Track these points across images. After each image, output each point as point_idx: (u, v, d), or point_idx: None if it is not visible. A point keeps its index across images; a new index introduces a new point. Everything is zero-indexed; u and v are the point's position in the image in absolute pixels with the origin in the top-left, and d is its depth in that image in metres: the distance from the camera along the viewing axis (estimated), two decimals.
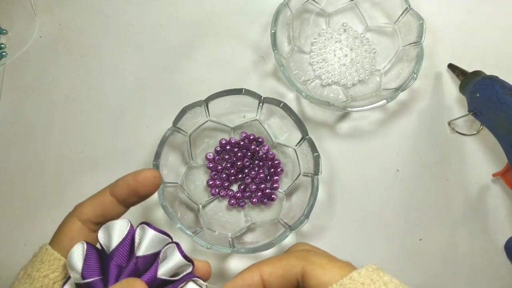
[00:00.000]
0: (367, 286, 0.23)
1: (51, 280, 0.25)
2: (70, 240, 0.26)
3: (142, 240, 0.25)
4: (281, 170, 0.47)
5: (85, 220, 0.26)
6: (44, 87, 0.52)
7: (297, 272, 0.24)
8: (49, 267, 0.25)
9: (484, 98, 0.42)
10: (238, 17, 0.53)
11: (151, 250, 0.25)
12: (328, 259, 0.25)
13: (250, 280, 0.25)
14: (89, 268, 0.24)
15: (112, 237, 0.25)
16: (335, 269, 0.24)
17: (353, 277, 0.23)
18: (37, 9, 0.54)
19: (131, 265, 0.24)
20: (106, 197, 0.27)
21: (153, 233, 0.25)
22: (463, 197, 0.47)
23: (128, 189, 0.27)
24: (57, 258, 0.25)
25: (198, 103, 0.44)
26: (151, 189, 0.27)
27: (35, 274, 0.25)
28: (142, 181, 0.27)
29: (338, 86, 0.51)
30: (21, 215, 0.48)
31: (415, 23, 0.47)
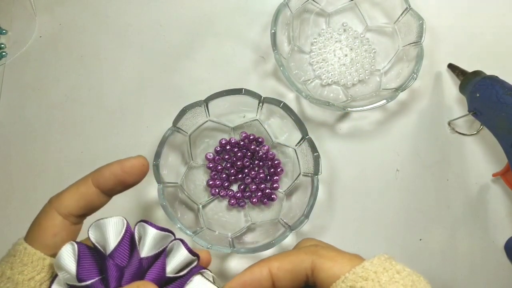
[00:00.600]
0: (380, 274, 0.22)
1: (37, 282, 0.23)
2: (53, 236, 0.24)
3: (144, 239, 0.24)
4: (281, 170, 0.47)
5: (66, 214, 0.25)
6: (44, 87, 0.52)
7: (306, 266, 0.24)
8: (33, 269, 0.23)
9: (484, 98, 0.42)
10: (238, 17, 0.53)
11: (154, 249, 0.24)
12: (337, 252, 0.25)
13: (259, 274, 0.24)
14: (85, 269, 0.22)
15: (107, 236, 0.23)
16: (345, 260, 0.24)
17: (365, 266, 0.23)
18: (37, 9, 0.54)
19: (134, 264, 0.23)
20: (90, 188, 0.25)
21: (155, 231, 0.24)
22: (463, 197, 0.47)
23: (114, 179, 0.25)
24: (41, 258, 0.23)
25: (198, 103, 0.44)
26: (139, 178, 0.26)
27: (17, 278, 0.23)
28: (129, 171, 0.26)
29: (338, 86, 0.51)
30: (21, 215, 0.48)
31: (415, 23, 0.47)
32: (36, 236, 0.24)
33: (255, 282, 0.24)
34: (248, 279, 0.24)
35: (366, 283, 0.22)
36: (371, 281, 0.22)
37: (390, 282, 0.22)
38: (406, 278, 0.23)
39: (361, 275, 0.22)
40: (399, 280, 0.22)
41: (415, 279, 0.23)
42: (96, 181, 0.25)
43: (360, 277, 0.22)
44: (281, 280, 0.24)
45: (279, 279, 0.24)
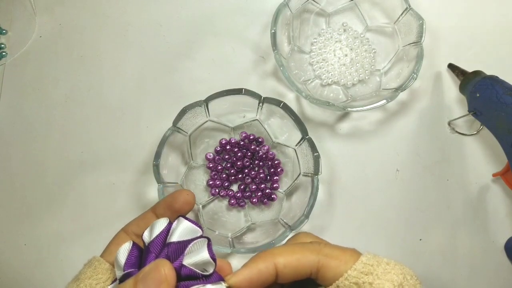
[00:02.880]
0: (376, 267, 0.25)
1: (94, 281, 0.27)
2: (116, 245, 0.28)
3: (176, 229, 0.26)
4: (281, 170, 0.47)
5: (129, 232, 0.30)
6: (44, 87, 0.52)
7: (312, 265, 0.25)
8: (102, 275, 0.27)
9: (484, 98, 0.42)
10: (238, 17, 0.53)
11: (182, 238, 0.26)
12: (339, 250, 0.26)
13: (265, 271, 0.25)
14: (130, 261, 0.26)
15: (153, 233, 0.26)
16: (347, 257, 0.26)
17: (363, 261, 0.25)
18: (37, 9, 0.54)
19: (163, 252, 0.25)
20: (148, 213, 0.30)
21: (187, 223, 0.26)
22: (463, 197, 0.47)
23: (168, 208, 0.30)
24: (109, 268, 0.28)
25: (198, 103, 0.44)
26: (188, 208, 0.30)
27: (89, 282, 0.27)
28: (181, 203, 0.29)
29: (338, 86, 0.51)
30: (21, 215, 0.48)
31: (415, 23, 0.47)
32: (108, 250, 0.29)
33: (262, 278, 0.25)
34: (255, 277, 0.25)
35: (367, 277, 0.24)
36: (370, 275, 0.24)
37: (385, 273, 0.25)
38: (395, 268, 0.25)
39: (361, 270, 0.25)
40: (391, 270, 0.25)
41: (401, 267, 0.26)
42: (154, 209, 0.30)
43: (361, 272, 0.25)
44: (285, 275, 0.25)
45: (283, 274, 0.25)
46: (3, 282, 0.46)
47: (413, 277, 0.25)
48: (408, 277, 0.25)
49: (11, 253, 0.47)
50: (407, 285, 0.24)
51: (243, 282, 0.25)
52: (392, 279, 0.24)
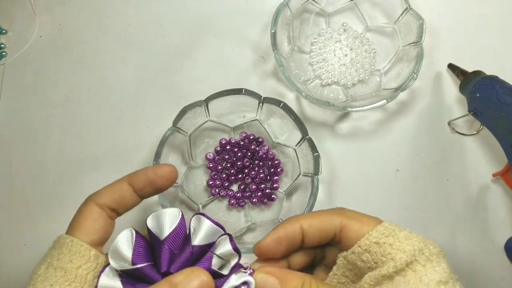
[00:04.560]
0: (398, 232, 0.26)
1: (84, 271, 0.25)
2: (93, 222, 0.27)
3: (198, 229, 0.26)
4: (281, 170, 0.47)
5: (102, 205, 0.27)
6: (44, 87, 0.52)
7: (335, 225, 0.27)
8: (81, 258, 0.25)
9: (484, 98, 0.42)
10: (238, 17, 0.53)
11: (206, 240, 0.26)
12: (362, 214, 0.28)
13: (292, 230, 0.27)
14: (139, 254, 0.25)
15: (163, 224, 0.25)
16: (370, 221, 0.27)
17: (386, 225, 0.26)
18: (37, 9, 0.54)
19: (187, 252, 0.25)
20: (124, 185, 0.28)
21: (209, 223, 0.26)
22: (463, 197, 0.47)
23: (146, 180, 0.28)
24: (88, 249, 0.25)
25: (198, 103, 0.44)
26: (168, 182, 0.29)
27: (67, 266, 0.24)
28: (161, 174, 0.28)
29: (338, 86, 0.51)
30: (21, 215, 0.48)
31: (415, 23, 0.47)
32: (77, 224, 0.27)
33: (289, 237, 0.27)
34: (283, 235, 0.27)
35: (387, 238, 0.25)
36: (391, 237, 0.25)
37: (406, 238, 0.25)
38: (418, 237, 0.26)
39: (383, 232, 0.26)
40: (412, 237, 0.25)
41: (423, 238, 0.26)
42: (130, 180, 0.28)
43: (382, 234, 0.25)
44: (311, 236, 0.27)
45: (308, 235, 0.27)
46: (3, 282, 0.46)
47: (435, 247, 0.25)
48: (430, 247, 0.25)
49: (11, 253, 0.47)
50: (428, 252, 0.24)
51: (272, 242, 0.27)
52: (413, 244, 0.25)
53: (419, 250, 0.24)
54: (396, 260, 0.24)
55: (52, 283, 0.24)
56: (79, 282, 0.24)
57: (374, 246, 0.25)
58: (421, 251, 0.24)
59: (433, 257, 0.24)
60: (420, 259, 0.24)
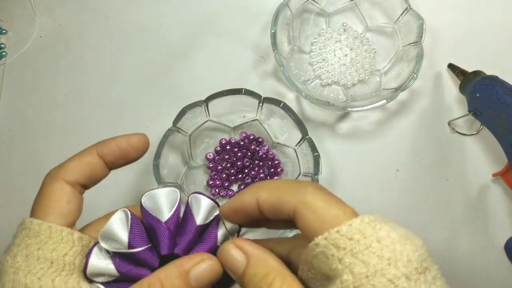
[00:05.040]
0: (355, 243, 0.20)
1: (71, 257, 0.23)
2: (67, 203, 0.24)
3: (198, 209, 0.25)
4: (281, 170, 0.47)
5: (73, 182, 0.25)
6: (44, 87, 0.52)
7: (289, 208, 0.22)
8: (65, 244, 0.23)
9: (484, 98, 0.42)
10: (238, 17, 0.53)
11: (207, 218, 0.26)
12: (326, 203, 0.22)
13: (248, 203, 0.24)
14: (136, 237, 0.23)
15: (161, 205, 0.25)
16: (328, 217, 0.21)
17: (341, 231, 0.20)
18: (37, 9, 0.54)
19: (191, 233, 0.24)
20: (94, 158, 0.26)
21: (207, 201, 0.26)
22: (463, 197, 0.47)
23: (118, 151, 0.26)
24: (70, 233, 0.23)
25: (198, 103, 0.44)
26: (141, 152, 0.27)
27: (51, 256, 0.22)
28: (134, 145, 0.27)
29: (338, 86, 0.51)
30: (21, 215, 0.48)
31: (415, 23, 0.47)
32: (48, 206, 0.24)
33: (244, 210, 0.24)
34: (238, 206, 0.24)
35: (337, 250, 0.20)
36: (342, 250, 0.20)
37: (366, 252, 0.19)
38: (385, 249, 0.19)
39: (334, 241, 0.20)
40: (376, 251, 0.19)
41: (397, 249, 0.19)
42: (100, 151, 0.26)
43: (332, 244, 0.20)
44: (267, 212, 0.23)
45: (265, 210, 0.23)
46: None
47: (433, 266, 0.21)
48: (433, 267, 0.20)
49: None
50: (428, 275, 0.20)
51: (229, 211, 0.25)
52: (391, 254, 0.19)
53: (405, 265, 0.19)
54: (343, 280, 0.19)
55: (39, 276, 0.21)
56: (68, 269, 0.23)
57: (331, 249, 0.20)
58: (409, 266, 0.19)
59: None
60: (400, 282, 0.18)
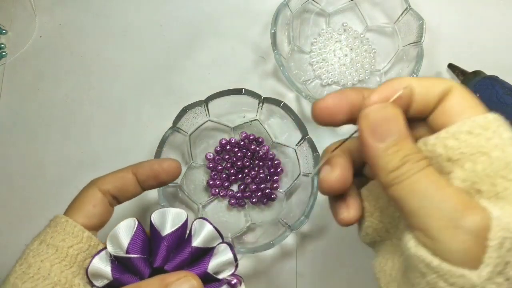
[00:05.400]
0: (490, 133, 0.20)
1: (75, 251, 0.25)
2: (93, 207, 0.27)
3: (200, 232, 0.26)
4: (281, 170, 0.47)
5: (105, 191, 0.28)
6: (44, 87, 0.52)
7: (445, 88, 0.21)
8: (74, 238, 0.25)
9: (484, 98, 0.42)
10: (238, 17, 0.53)
11: (205, 244, 0.26)
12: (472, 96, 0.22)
13: (398, 87, 0.21)
14: (136, 245, 0.25)
15: (166, 221, 0.26)
16: (474, 102, 0.21)
17: (477, 120, 0.20)
18: (37, 9, 0.54)
19: (185, 253, 0.25)
20: (128, 173, 0.28)
21: (210, 228, 0.26)
22: None
23: (150, 172, 0.29)
24: (81, 230, 0.26)
25: (198, 103, 0.44)
26: (172, 177, 0.29)
27: (59, 244, 0.25)
28: (166, 168, 0.29)
29: (338, 86, 0.51)
30: (21, 215, 0.48)
31: (415, 23, 0.47)
32: (77, 207, 0.27)
33: (401, 96, 0.21)
34: (390, 94, 0.21)
35: (486, 132, 0.20)
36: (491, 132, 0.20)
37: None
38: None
39: (482, 123, 0.20)
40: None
41: None
42: (135, 169, 0.29)
43: (481, 126, 0.20)
44: (417, 96, 0.22)
45: (414, 95, 0.22)
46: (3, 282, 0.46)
47: None
48: None
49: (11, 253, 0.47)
50: None
51: (379, 99, 0.22)
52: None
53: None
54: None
55: (42, 259, 0.24)
56: (69, 261, 0.25)
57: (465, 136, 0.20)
58: None
59: None
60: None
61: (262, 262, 0.45)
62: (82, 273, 0.25)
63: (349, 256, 0.46)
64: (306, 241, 0.46)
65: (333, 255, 0.45)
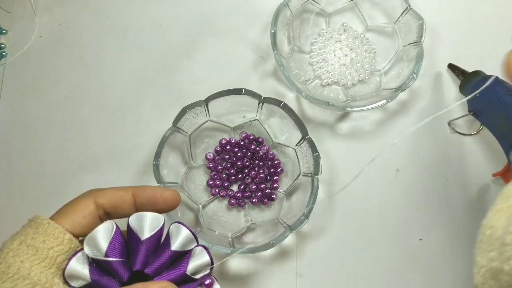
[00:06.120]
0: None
1: (55, 252, 0.25)
2: (83, 217, 0.27)
3: (177, 236, 0.27)
4: (281, 170, 0.47)
5: (99, 204, 0.28)
6: (44, 87, 0.52)
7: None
8: (55, 240, 0.26)
9: (484, 98, 0.42)
10: (238, 17, 0.53)
11: (183, 247, 0.27)
12: None
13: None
14: (114, 248, 0.26)
15: (144, 226, 0.27)
16: None
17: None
18: (37, 9, 0.54)
19: (165, 256, 0.26)
20: (128, 194, 0.29)
21: (187, 232, 0.27)
22: (463, 197, 0.47)
23: (151, 198, 0.29)
24: (62, 232, 0.26)
25: (198, 103, 0.44)
26: (170, 208, 0.30)
27: (39, 246, 0.25)
28: (166, 198, 0.29)
29: (338, 86, 0.51)
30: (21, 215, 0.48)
31: (415, 23, 0.47)
32: (67, 213, 0.27)
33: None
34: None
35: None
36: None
37: None
38: None
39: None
40: None
41: None
42: (136, 192, 0.29)
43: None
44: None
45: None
46: None
47: None
48: None
49: None
50: None
51: None
52: None
53: None
54: None
55: (22, 259, 0.25)
56: (48, 262, 0.25)
57: None
58: None
59: None
60: None
61: (262, 262, 0.45)
62: (59, 274, 0.26)
63: (349, 256, 0.46)
64: (306, 241, 0.46)
65: (333, 255, 0.46)
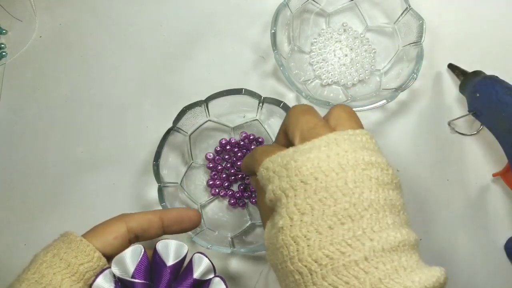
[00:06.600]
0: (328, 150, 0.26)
1: (85, 269, 0.27)
2: (114, 238, 0.29)
3: (199, 265, 0.30)
4: None
5: (130, 228, 0.30)
6: (44, 87, 0.52)
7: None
8: (85, 256, 0.28)
9: (484, 98, 0.42)
10: (238, 17, 0.53)
11: (203, 276, 0.30)
12: (344, 120, 0.30)
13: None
14: (140, 271, 0.28)
15: (169, 252, 0.29)
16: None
17: (316, 143, 0.26)
18: (37, 9, 0.54)
19: (187, 283, 0.29)
20: (156, 217, 0.31)
21: (208, 262, 0.30)
22: (463, 197, 0.47)
23: (177, 217, 0.32)
24: (93, 250, 0.28)
25: (198, 103, 0.44)
26: (193, 226, 0.33)
27: (71, 260, 0.27)
28: (191, 216, 0.32)
29: (338, 86, 0.51)
30: (21, 215, 0.48)
31: (415, 23, 0.47)
32: (99, 233, 0.29)
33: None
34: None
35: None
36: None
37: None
38: None
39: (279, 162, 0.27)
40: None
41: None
42: (163, 215, 0.31)
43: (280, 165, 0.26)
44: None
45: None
46: (3, 282, 0.46)
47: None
48: None
49: (11, 253, 0.47)
50: None
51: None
52: None
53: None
54: None
55: (55, 272, 0.27)
56: (78, 277, 0.27)
57: None
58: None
59: None
60: None
61: (262, 262, 0.45)
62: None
63: None
64: None
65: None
